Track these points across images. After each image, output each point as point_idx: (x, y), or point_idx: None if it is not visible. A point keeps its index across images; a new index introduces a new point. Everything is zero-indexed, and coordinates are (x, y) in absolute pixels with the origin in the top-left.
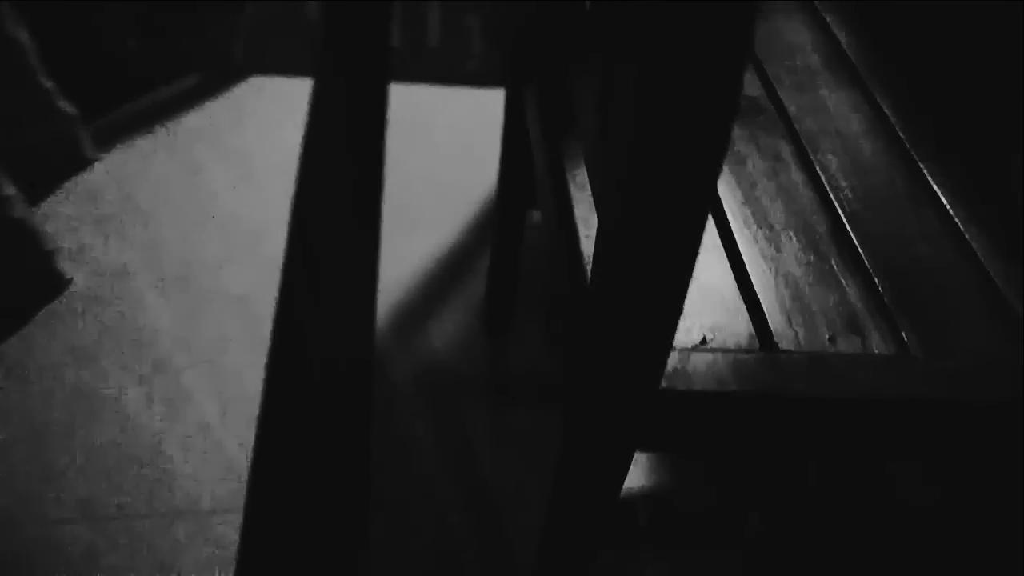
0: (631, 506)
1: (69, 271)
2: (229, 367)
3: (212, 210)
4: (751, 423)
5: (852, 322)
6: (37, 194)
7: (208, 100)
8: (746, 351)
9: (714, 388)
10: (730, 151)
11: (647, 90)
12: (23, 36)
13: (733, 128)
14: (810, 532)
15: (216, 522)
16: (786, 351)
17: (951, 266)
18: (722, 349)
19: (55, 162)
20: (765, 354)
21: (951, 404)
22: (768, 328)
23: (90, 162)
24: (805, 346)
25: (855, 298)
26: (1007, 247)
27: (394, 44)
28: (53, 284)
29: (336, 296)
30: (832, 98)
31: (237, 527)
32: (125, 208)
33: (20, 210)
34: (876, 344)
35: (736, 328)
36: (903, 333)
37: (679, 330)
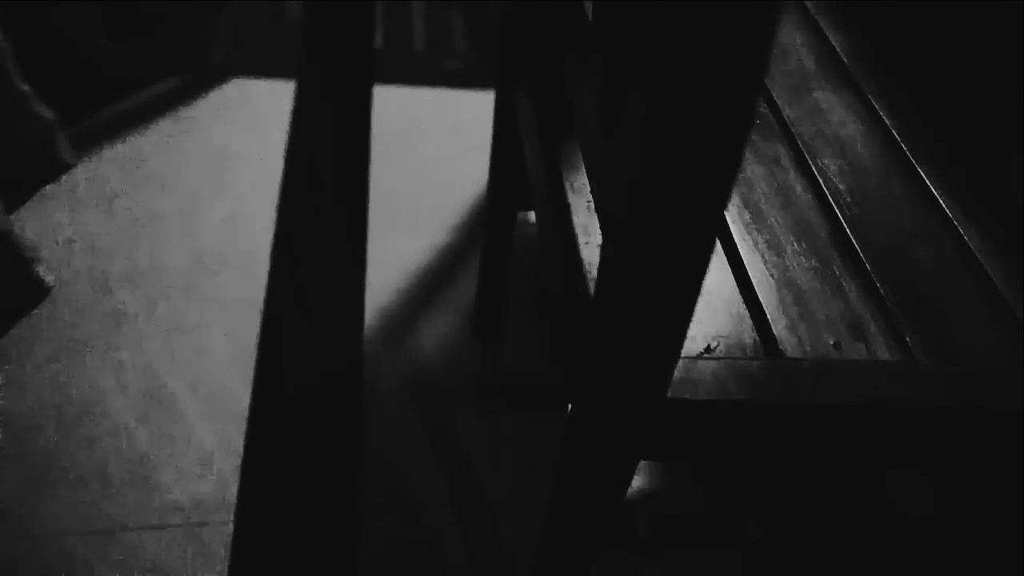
0: (628, 508)
1: (49, 278)
2: (215, 373)
3: (194, 214)
4: (757, 431)
5: (855, 327)
6: (15, 200)
7: (189, 102)
8: (751, 359)
9: (720, 396)
10: None
11: (658, 96)
12: None
13: None
14: (809, 535)
15: (204, 529)
16: (791, 358)
17: (951, 267)
18: (727, 357)
19: (32, 167)
20: (770, 362)
21: (956, 410)
22: (772, 335)
23: (69, 167)
24: (809, 352)
25: (857, 302)
26: (1007, 247)
27: (377, 46)
28: (33, 291)
29: (323, 300)
30: (827, 101)
31: (226, 534)
32: (104, 214)
33: None
34: (880, 349)
35: (740, 335)
36: (906, 337)
37: None
